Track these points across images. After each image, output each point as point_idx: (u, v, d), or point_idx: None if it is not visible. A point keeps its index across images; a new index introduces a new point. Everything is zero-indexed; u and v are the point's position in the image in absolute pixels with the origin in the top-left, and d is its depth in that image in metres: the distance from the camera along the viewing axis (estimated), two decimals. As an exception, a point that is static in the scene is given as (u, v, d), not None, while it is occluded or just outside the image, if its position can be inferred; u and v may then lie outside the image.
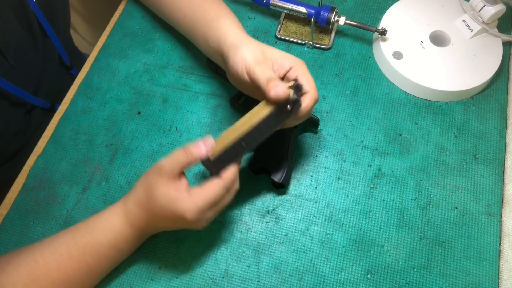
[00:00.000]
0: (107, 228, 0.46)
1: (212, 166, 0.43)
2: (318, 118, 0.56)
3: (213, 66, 0.62)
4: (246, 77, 0.44)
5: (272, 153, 0.52)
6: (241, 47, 0.45)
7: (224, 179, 0.43)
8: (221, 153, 0.42)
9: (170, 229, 0.50)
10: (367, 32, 0.66)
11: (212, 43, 0.50)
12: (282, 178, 0.51)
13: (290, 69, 0.45)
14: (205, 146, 0.43)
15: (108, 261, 0.47)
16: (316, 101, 0.43)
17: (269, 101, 0.41)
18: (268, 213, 0.54)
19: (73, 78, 0.74)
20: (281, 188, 0.55)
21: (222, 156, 0.43)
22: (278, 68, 0.45)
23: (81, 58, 0.82)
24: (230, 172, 0.43)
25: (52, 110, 0.68)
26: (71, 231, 0.46)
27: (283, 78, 0.45)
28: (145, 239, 0.50)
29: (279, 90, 0.39)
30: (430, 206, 0.54)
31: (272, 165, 0.52)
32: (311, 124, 0.57)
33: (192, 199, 0.42)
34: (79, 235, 0.45)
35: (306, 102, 0.42)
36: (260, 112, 0.41)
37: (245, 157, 0.57)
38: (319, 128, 0.59)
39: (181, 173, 0.44)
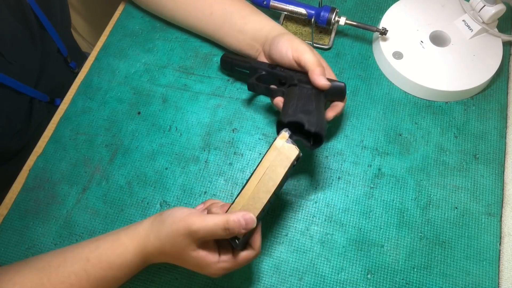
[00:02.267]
0: (124, 266, 0.44)
1: (241, 245, 0.42)
2: (344, 84, 0.52)
3: (228, 66, 0.62)
4: (290, 55, 0.52)
5: (303, 109, 0.48)
6: (288, 34, 0.55)
7: (257, 250, 0.44)
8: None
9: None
10: (367, 32, 0.66)
11: (251, 33, 0.58)
12: (319, 127, 0.45)
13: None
14: (246, 225, 0.40)
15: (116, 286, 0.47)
16: (343, 105, 0.54)
17: (314, 83, 0.49)
18: (268, 213, 0.54)
19: (72, 71, 0.74)
20: (317, 144, 0.48)
21: (249, 233, 0.42)
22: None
23: (82, 54, 0.82)
24: (259, 242, 0.44)
25: (52, 104, 0.68)
26: (82, 260, 0.44)
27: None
28: None
29: (322, 81, 0.49)
30: (430, 206, 0.54)
31: (304, 119, 0.46)
32: (338, 92, 0.52)
33: (222, 266, 0.43)
34: (91, 268, 0.43)
35: (340, 107, 0.53)
36: (276, 170, 0.42)
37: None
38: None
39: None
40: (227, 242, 0.43)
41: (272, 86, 0.55)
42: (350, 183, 0.56)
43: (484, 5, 0.59)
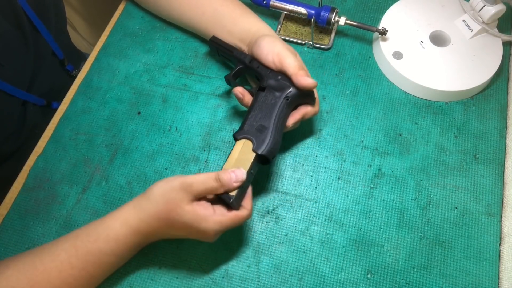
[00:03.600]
0: (111, 237, 0.45)
1: (235, 201, 0.45)
2: (313, 92, 0.52)
3: (214, 49, 0.61)
4: (270, 59, 0.52)
5: (258, 126, 0.49)
6: (271, 36, 0.54)
7: (250, 210, 0.46)
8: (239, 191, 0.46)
9: (179, 238, 0.49)
10: (367, 32, 0.66)
11: (238, 34, 0.58)
12: (265, 150, 0.47)
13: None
14: (236, 177, 0.44)
15: (109, 268, 0.47)
16: (316, 114, 0.54)
17: (299, 85, 0.49)
18: (268, 213, 0.54)
19: (68, 74, 0.74)
20: (266, 164, 0.50)
21: (241, 191, 0.46)
22: None
23: (79, 55, 0.82)
24: (251, 204, 0.47)
25: (49, 107, 0.68)
26: (72, 238, 0.46)
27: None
28: (148, 244, 0.50)
29: (308, 80, 0.49)
30: (430, 206, 0.54)
31: (257, 136, 0.48)
32: (306, 96, 0.52)
33: (218, 219, 0.44)
34: (80, 242, 0.45)
35: (306, 110, 0.52)
36: (247, 154, 0.48)
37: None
38: (319, 128, 0.59)
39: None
40: (221, 201, 0.46)
41: (247, 88, 0.54)
42: (350, 183, 0.56)
43: (484, 5, 0.59)
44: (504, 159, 0.57)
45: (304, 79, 0.49)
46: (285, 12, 0.65)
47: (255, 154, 0.47)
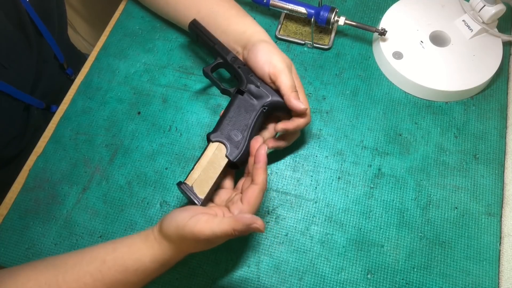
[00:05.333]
0: (140, 271, 0.44)
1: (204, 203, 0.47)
2: (283, 99, 0.51)
3: (194, 32, 0.60)
4: (266, 70, 0.51)
5: (234, 131, 0.50)
6: (268, 44, 0.52)
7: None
8: (208, 193, 0.47)
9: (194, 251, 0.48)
10: (367, 32, 0.66)
11: (233, 35, 0.56)
12: (238, 158, 0.48)
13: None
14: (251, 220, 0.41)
15: None
16: (308, 123, 0.52)
17: (290, 107, 0.49)
18: (268, 213, 0.54)
19: (68, 77, 0.74)
20: (235, 169, 0.51)
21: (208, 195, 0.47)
22: None
23: (79, 58, 0.82)
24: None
25: (48, 110, 0.68)
26: (97, 261, 0.44)
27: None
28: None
29: (300, 104, 0.48)
30: (430, 206, 0.54)
31: (230, 141, 0.49)
32: (280, 108, 0.52)
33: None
34: (107, 270, 0.43)
35: (301, 121, 0.50)
36: (219, 159, 0.48)
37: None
38: (319, 128, 0.59)
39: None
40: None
41: (223, 86, 0.54)
42: (350, 183, 0.56)
43: (484, 5, 0.59)
44: (504, 159, 0.57)
45: (297, 103, 0.48)
46: (285, 12, 0.65)
47: (227, 160, 0.47)
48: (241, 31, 0.56)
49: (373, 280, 0.50)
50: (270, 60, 0.51)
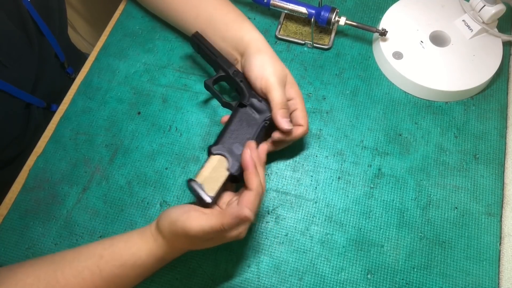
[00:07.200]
0: (137, 265, 0.44)
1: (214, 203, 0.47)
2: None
3: (195, 47, 0.60)
4: (258, 84, 0.51)
5: (235, 144, 0.50)
6: (264, 55, 0.52)
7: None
8: (218, 191, 0.46)
9: (193, 248, 0.49)
10: (367, 32, 0.66)
11: (231, 42, 0.56)
12: (240, 172, 0.47)
13: (291, 99, 0.52)
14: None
15: (132, 285, 0.47)
16: (305, 134, 0.52)
17: (276, 125, 0.50)
18: (268, 213, 0.54)
19: (69, 76, 0.74)
20: (236, 182, 0.50)
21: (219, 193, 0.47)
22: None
23: (80, 57, 0.82)
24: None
25: (48, 109, 0.68)
26: (95, 256, 0.44)
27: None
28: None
29: (286, 124, 0.49)
30: (430, 206, 0.54)
31: (232, 155, 0.49)
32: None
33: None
34: (105, 264, 0.44)
35: (298, 132, 0.51)
36: (220, 172, 0.48)
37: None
38: (319, 128, 0.59)
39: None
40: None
41: (225, 99, 0.54)
42: (350, 183, 0.56)
43: (484, 5, 0.59)
44: (504, 159, 0.57)
45: (282, 122, 0.49)
46: (285, 12, 0.65)
47: (228, 173, 0.47)
48: (238, 37, 0.55)
49: (373, 280, 0.50)
50: (262, 74, 0.51)
